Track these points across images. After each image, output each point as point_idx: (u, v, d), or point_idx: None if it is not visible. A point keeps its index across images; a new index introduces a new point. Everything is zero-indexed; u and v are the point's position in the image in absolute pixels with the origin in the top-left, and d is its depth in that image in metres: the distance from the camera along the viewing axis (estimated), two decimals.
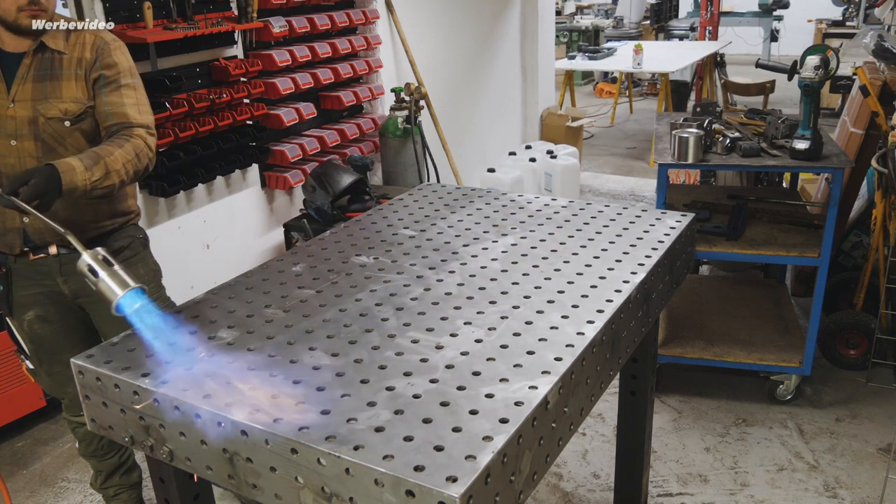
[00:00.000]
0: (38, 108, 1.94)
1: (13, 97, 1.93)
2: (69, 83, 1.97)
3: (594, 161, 6.85)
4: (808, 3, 10.62)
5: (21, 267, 2.09)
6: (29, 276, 2.10)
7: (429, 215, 2.01)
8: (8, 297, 2.11)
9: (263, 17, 3.46)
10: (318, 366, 1.26)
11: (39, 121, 1.94)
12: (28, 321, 2.14)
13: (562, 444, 1.24)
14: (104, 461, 2.43)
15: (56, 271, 2.09)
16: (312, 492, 1.07)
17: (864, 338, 3.20)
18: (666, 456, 2.80)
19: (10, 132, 1.94)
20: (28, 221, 2.00)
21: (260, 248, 3.84)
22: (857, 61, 3.74)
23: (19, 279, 2.10)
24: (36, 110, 1.94)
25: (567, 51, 9.60)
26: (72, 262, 1.99)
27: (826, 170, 2.94)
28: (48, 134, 1.96)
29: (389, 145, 4.15)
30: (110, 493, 2.49)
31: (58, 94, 1.96)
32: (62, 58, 1.97)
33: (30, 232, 2.03)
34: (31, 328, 2.15)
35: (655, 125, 3.34)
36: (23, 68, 1.94)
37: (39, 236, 2.04)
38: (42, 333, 2.16)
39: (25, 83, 1.94)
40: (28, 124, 1.94)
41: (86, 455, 2.42)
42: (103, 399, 1.30)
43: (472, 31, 5.44)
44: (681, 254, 1.86)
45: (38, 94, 1.94)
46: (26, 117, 1.94)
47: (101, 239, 2.10)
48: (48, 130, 1.96)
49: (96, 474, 2.48)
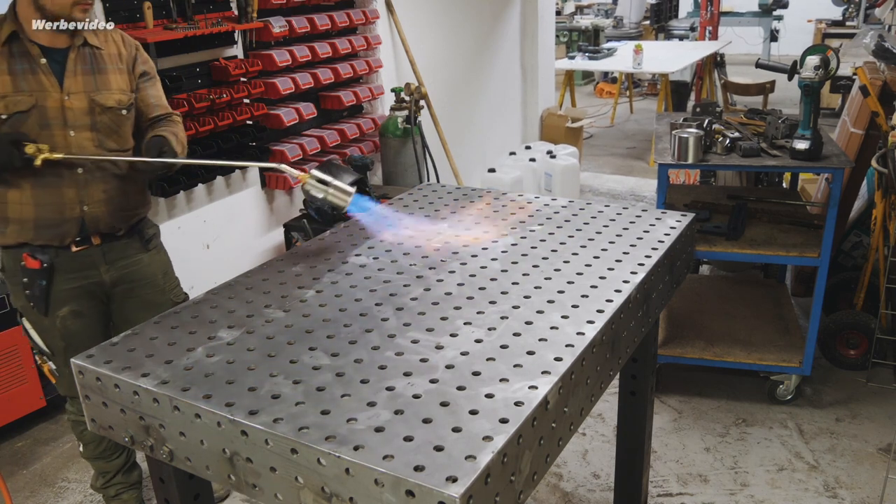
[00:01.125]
0: (94, 99, 2.07)
1: (67, 90, 2.03)
2: (115, 76, 2.12)
3: (594, 161, 6.85)
4: (808, 3, 10.62)
5: (63, 260, 2.14)
6: (71, 269, 2.15)
7: (429, 215, 2.01)
8: (48, 293, 2.14)
9: (263, 17, 3.46)
10: (318, 366, 1.26)
11: (96, 111, 2.07)
12: (61, 317, 2.17)
13: (562, 444, 1.24)
14: (111, 462, 2.44)
15: (100, 260, 2.19)
16: (312, 492, 1.07)
17: (864, 338, 3.20)
18: (666, 456, 2.80)
19: (70, 123, 2.04)
20: (87, 210, 2.10)
21: (260, 248, 3.84)
22: (857, 61, 3.74)
23: (61, 273, 2.15)
24: (92, 101, 2.06)
25: (567, 51, 9.60)
26: (114, 251, 2.20)
27: (826, 170, 2.94)
28: (104, 124, 2.10)
29: (389, 145, 4.15)
30: (111, 493, 2.49)
31: (108, 86, 2.10)
32: (100, 52, 2.10)
33: (87, 220, 2.12)
34: (64, 324, 2.18)
35: (655, 125, 3.34)
36: (70, 62, 2.04)
37: (94, 225, 2.13)
38: (75, 329, 2.20)
39: (76, 76, 2.04)
40: (85, 115, 2.06)
41: (92, 457, 2.42)
42: (103, 399, 1.30)
43: (472, 31, 5.44)
44: (681, 254, 1.86)
45: (91, 87, 2.06)
46: (83, 108, 2.05)
47: (138, 225, 2.27)
48: (104, 120, 2.10)
49: (99, 475, 2.48)
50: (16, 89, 1.97)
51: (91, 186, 2.09)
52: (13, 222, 2.07)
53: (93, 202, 2.10)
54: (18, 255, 2.10)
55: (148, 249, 2.29)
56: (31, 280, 2.11)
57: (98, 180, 2.10)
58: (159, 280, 2.32)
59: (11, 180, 2.02)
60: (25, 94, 1.98)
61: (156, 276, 2.31)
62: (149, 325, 1.45)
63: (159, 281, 2.32)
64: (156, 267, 2.32)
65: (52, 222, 2.07)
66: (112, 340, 1.39)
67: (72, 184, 2.07)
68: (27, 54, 1.99)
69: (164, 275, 2.34)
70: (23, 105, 1.97)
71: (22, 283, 2.12)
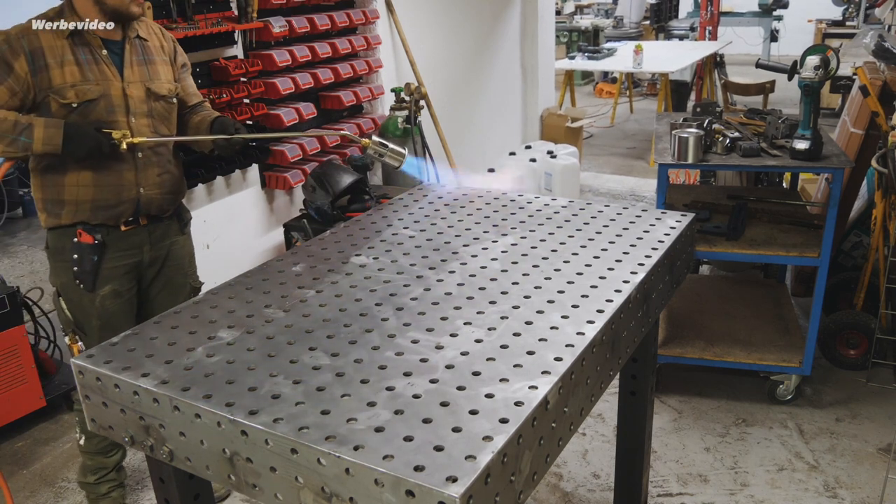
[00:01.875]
0: (149, 88, 2.20)
1: (127, 80, 2.16)
2: (163, 67, 2.26)
3: (594, 161, 6.85)
4: (808, 3, 10.62)
5: (113, 239, 2.23)
6: (120, 248, 2.25)
7: (429, 215, 2.01)
8: (97, 270, 2.22)
9: (263, 17, 3.46)
10: (318, 366, 1.26)
11: (151, 99, 2.21)
12: (102, 296, 2.25)
13: (562, 444, 1.24)
14: (110, 457, 2.47)
15: (145, 240, 2.31)
16: (312, 492, 1.07)
17: (864, 338, 3.20)
18: (666, 456, 2.80)
19: (132, 111, 2.17)
20: (143, 192, 2.21)
21: (260, 248, 3.84)
22: (857, 61, 3.74)
23: (111, 251, 2.23)
24: (148, 90, 2.20)
25: (567, 51, 9.61)
26: (158, 231, 2.33)
27: (826, 170, 2.94)
28: (158, 111, 2.24)
29: None
30: (102, 491, 2.50)
31: (158, 76, 2.24)
32: (147, 45, 2.24)
33: (143, 202, 2.23)
34: (103, 304, 2.25)
35: (655, 125, 3.34)
36: (127, 53, 2.17)
37: (147, 207, 2.25)
38: (112, 309, 2.28)
39: (133, 66, 2.18)
40: (143, 103, 2.20)
41: (93, 452, 2.44)
42: (103, 399, 1.30)
43: (472, 31, 5.44)
44: (681, 254, 1.86)
45: (145, 76, 2.20)
46: (141, 96, 2.19)
47: (179, 209, 2.41)
48: (158, 108, 2.24)
49: (91, 471, 2.49)
50: (84, 79, 2.08)
51: (148, 170, 2.22)
52: (69, 204, 2.16)
53: (148, 185, 2.22)
54: (71, 233, 2.18)
55: (184, 233, 2.44)
56: (83, 256, 2.19)
57: (154, 164, 2.24)
58: (185, 264, 2.46)
59: (72, 165, 2.12)
60: (93, 84, 2.09)
61: (184, 259, 2.46)
62: (149, 325, 1.45)
63: (185, 264, 2.46)
64: (187, 250, 2.47)
65: (110, 203, 2.18)
66: (112, 340, 1.39)
67: (131, 167, 2.18)
68: (88, 45, 2.10)
69: (189, 259, 2.48)
70: (92, 94, 2.09)
71: (72, 260, 2.19)
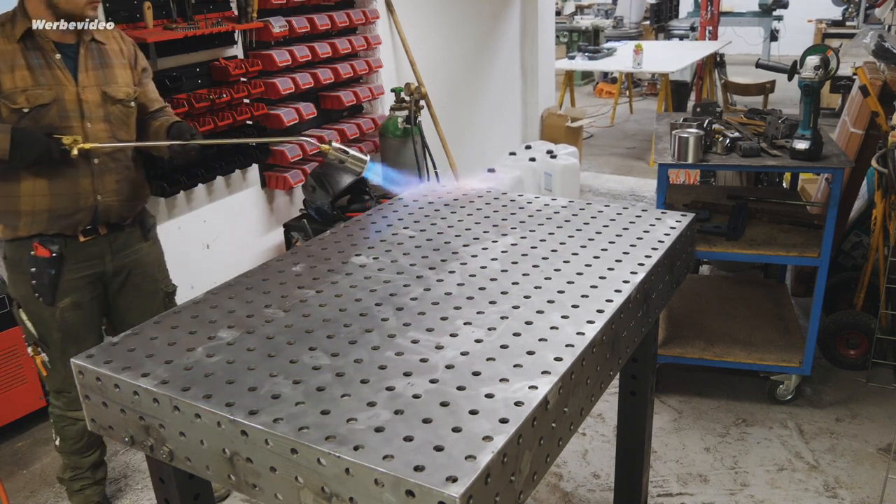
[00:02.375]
0: (105, 92, 2.16)
1: (82, 84, 2.12)
2: (121, 71, 2.22)
3: (594, 161, 6.85)
4: (808, 3, 10.62)
5: (72, 250, 2.19)
6: (79, 259, 2.21)
7: (429, 215, 2.01)
8: (55, 283, 2.18)
9: (263, 17, 3.46)
10: (318, 366, 1.26)
11: (108, 103, 2.18)
12: (62, 308, 2.22)
13: (562, 444, 1.24)
14: (86, 457, 2.48)
15: (106, 250, 2.26)
16: (312, 492, 1.07)
17: (864, 338, 3.20)
18: (666, 456, 2.80)
19: (87, 115, 2.13)
20: (101, 200, 2.17)
21: (260, 248, 3.84)
22: (857, 61, 3.74)
23: (69, 263, 2.20)
24: (104, 94, 2.16)
25: (567, 51, 9.60)
26: (118, 240, 2.28)
27: (826, 170, 2.94)
28: (115, 115, 2.20)
29: (389, 145, 4.14)
30: (76, 487, 2.52)
31: (115, 80, 2.20)
32: (104, 48, 2.18)
33: (100, 210, 2.18)
34: (62, 315, 2.22)
35: (655, 125, 3.34)
36: (81, 57, 2.13)
37: (106, 215, 2.20)
38: (73, 320, 2.24)
39: (88, 70, 2.14)
40: (99, 107, 2.15)
41: (68, 452, 2.45)
42: (103, 399, 1.30)
43: (472, 31, 5.44)
44: (681, 254, 1.86)
45: (101, 80, 2.16)
46: (97, 101, 2.15)
47: (140, 215, 2.36)
48: (115, 112, 2.20)
49: (68, 468, 2.50)
50: (36, 83, 2.04)
51: (105, 176, 2.18)
52: (25, 215, 2.12)
53: (106, 192, 2.18)
54: (28, 245, 2.14)
55: (147, 239, 2.38)
56: (40, 269, 2.15)
57: (112, 171, 2.20)
58: (154, 269, 2.41)
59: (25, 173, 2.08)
60: (45, 88, 2.06)
61: (152, 266, 2.42)
62: (149, 325, 1.45)
63: (154, 270, 2.41)
64: (153, 256, 2.42)
65: (67, 212, 2.14)
66: (112, 340, 1.39)
67: (87, 174, 2.14)
68: (40, 49, 2.06)
69: (158, 265, 2.44)
70: (44, 98, 2.05)
71: (29, 273, 2.16)
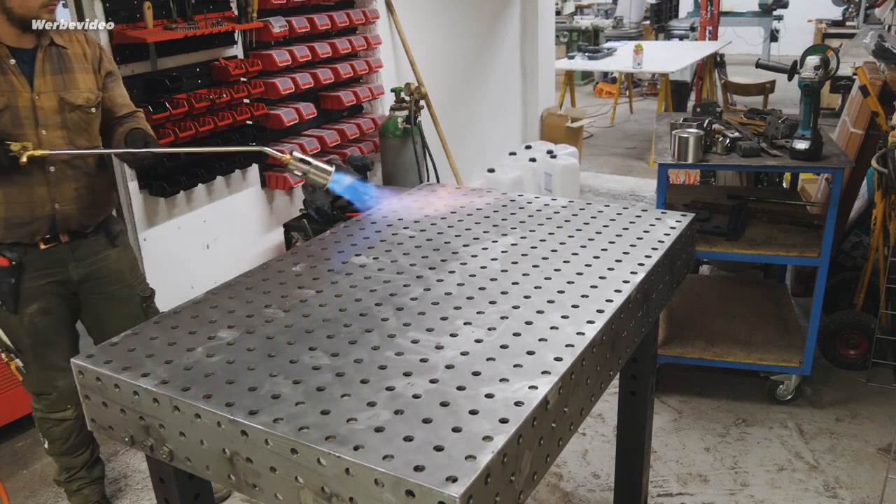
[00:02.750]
0: (63, 98, 2.10)
1: (37, 90, 2.06)
2: (82, 75, 2.15)
3: (594, 161, 6.85)
4: (808, 3, 10.61)
5: (32, 258, 2.16)
6: (40, 266, 2.17)
7: (429, 215, 2.01)
8: (16, 291, 2.15)
9: (263, 17, 3.46)
10: (318, 366, 1.26)
11: (66, 109, 2.09)
12: (29, 315, 2.19)
13: (562, 444, 1.24)
14: (76, 457, 2.47)
15: (68, 258, 2.21)
16: (312, 492, 1.07)
17: (864, 338, 3.20)
18: (666, 456, 2.80)
19: (41, 122, 2.06)
20: (59, 208, 2.12)
21: (260, 248, 3.84)
22: (857, 61, 3.74)
23: (30, 271, 2.16)
24: (62, 100, 2.09)
25: (567, 51, 9.60)
26: (81, 248, 2.23)
27: (826, 170, 2.94)
28: (74, 122, 2.13)
29: (389, 145, 4.15)
30: (73, 488, 2.52)
31: (76, 85, 2.13)
32: (66, 52, 2.12)
33: (58, 218, 2.14)
34: (31, 321, 2.20)
35: (655, 125, 3.34)
36: (39, 62, 2.06)
37: (65, 223, 2.16)
38: (42, 326, 2.22)
39: (45, 76, 2.06)
40: (55, 114, 2.08)
41: (58, 453, 2.44)
42: (103, 399, 1.30)
43: (472, 31, 5.44)
44: (681, 254, 1.86)
45: (59, 86, 2.09)
46: (53, 107, 2.08)
47: (105, 223, 2.30)
48: (74, 118, 2.13)
49: (62, 470, 2.50)
50: None
51: (62, 184, 2.12)
52: None
53: (64, 200, 2.13)
54: None
55: (115, 246, 2.33)
56: (0, 278, 2.12)
57: (69, 178, 2.14)
58: (126, 276, 2.37)
59: None
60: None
61: (123, 272, 2.35)
62: (149, 325, 1.45)
63: (126, 276, 2.37)
64: (123, 263, 2.36)
65: (23, 220, 2.10)
66: (112, 340, 1.39)
67: (43, 182, 2.09)
68: None
69: (130, 270, 2.39)
70: None
71: None
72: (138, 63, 2.99)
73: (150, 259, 3.16)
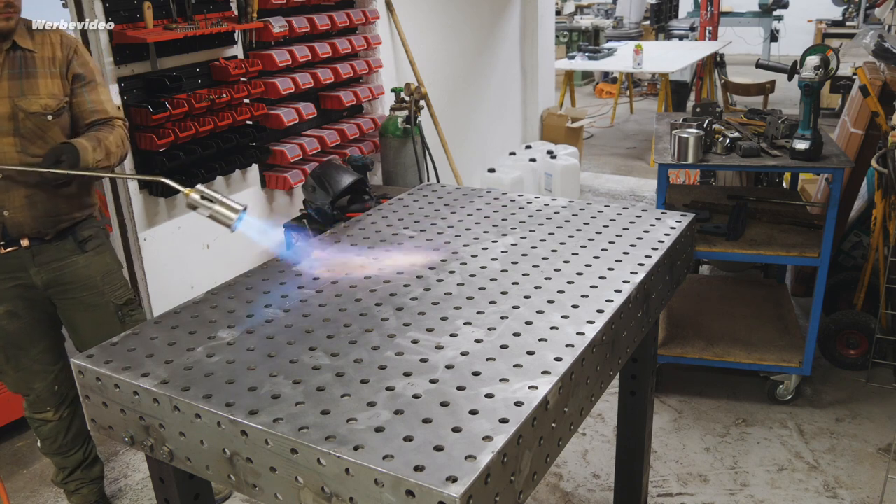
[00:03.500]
0: (17, 104, 2.02)
1: None
2: (45, 80, 2.07)
3: (594, 161, 6.85)
4: (808, 3, 10.62)
5: None
6: (1, 270, 2.14)
7: (429, 215, 2.01)
8: None
9: (263, 17, 3.46)
10: (318, 366, 1.26)
11: (19, 116, 2.02)
12: None
13: (562, 444, 1.24)
14: (68, 457, 2.46)
15: (29, 263, 2.16)
16: (312, 492, 1.07)
17: (864, 338, 3.20)
18: (666, 456, 2.80)
19: None
20: (8, 215, 2.07)
21: (260, 248, 3.82)
22: (857, 61, 3.74)
23: None
24: (16, 106, 2.02)
25: (567, 51, 9.61)
26: (44, 253, 2.16)
27: (826, 170, 2.94)
28: (28, 129, 2.04)
29: (389, 145, 4.15)
30: (71, 488, 2.52)
31: (35, 91, 2.05)
32: (33, 56, 2.06)
33: (9, 226, 2.09)
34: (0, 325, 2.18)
35: (655, 125, 3.34)
36: None
37: (17, 230, 2.11)
38: (10, 329, 2.20)
39: (3, 80, 2.00)
40: (8, 120, 2.01)
41: (49, 453, 2.44)
42: (103, 399, 1.30)
43: (472, 31, 5.44)
44: (681, 254, 1.86)
45: (16, 91, 2.02)
46: (6, 113, 2.01)
47: (72, 228, 2.22)
48: (28, 125, 2.04)
49: (58, 470, 2.50)
50: None
51: (11, 192, 2.06)
52: None
53: (13, 208, 2.08)
54: None
55: (84, 251, 2.24)
56: None
57: (20, 185, 2.06)
58: (97, 282, 2.27)
59: None
60: None
61: (93, 279, 2.26)
62: (149, 325, 1.45)
63: (97, 283, 2.27)
64: (93, 269, 2.26)
65: None
66: (112, 340, 1.39)
67: None
68: None
69: (103, 277, 2.29)
70: None
71: None
72: (138, 63, 2.99)
73: (150, 259, 3.16)
